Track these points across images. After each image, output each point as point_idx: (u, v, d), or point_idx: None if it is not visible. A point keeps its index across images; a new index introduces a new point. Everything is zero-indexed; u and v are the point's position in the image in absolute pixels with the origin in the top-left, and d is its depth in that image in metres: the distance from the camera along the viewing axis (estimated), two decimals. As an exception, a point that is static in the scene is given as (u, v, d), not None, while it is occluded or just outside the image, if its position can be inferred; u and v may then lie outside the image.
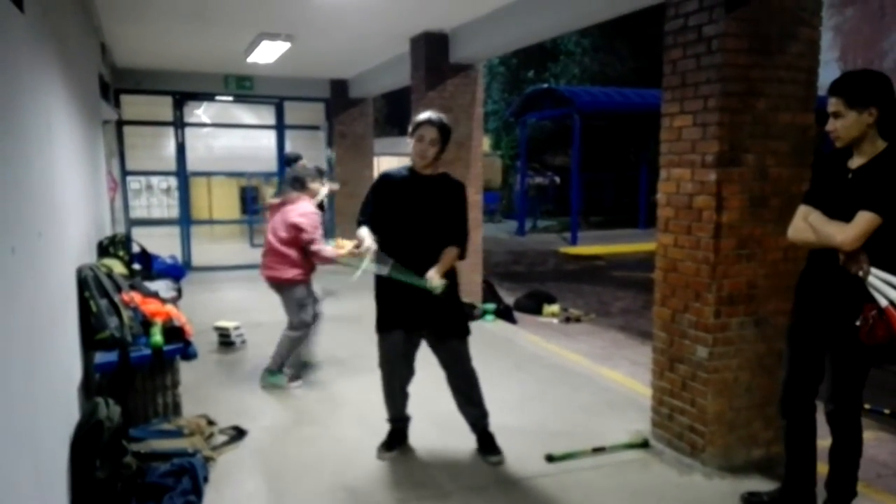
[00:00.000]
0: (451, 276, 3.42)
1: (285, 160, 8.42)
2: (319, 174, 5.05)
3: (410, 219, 3.40)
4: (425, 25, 6.59)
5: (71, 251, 3.46)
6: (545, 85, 15.90)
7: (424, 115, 3.40)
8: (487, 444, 3.60)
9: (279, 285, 4.69)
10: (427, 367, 3.65)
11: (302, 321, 4.71)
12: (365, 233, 3.39)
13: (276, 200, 4.99)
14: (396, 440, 3.70)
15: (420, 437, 3.81)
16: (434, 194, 3.42)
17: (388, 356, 3.55)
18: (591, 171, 16.53)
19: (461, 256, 3.46)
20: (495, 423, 3.71)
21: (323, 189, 6.45)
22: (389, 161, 22.36)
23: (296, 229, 4.57)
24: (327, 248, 4.66)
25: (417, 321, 3.44)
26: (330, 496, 3.19)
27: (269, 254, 4.72)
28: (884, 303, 2.47)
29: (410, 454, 3.63)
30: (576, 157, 13.86)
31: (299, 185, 4.86)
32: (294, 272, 4.62)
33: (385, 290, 3.46)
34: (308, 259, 4.67)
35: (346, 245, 4.03)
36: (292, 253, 4.61)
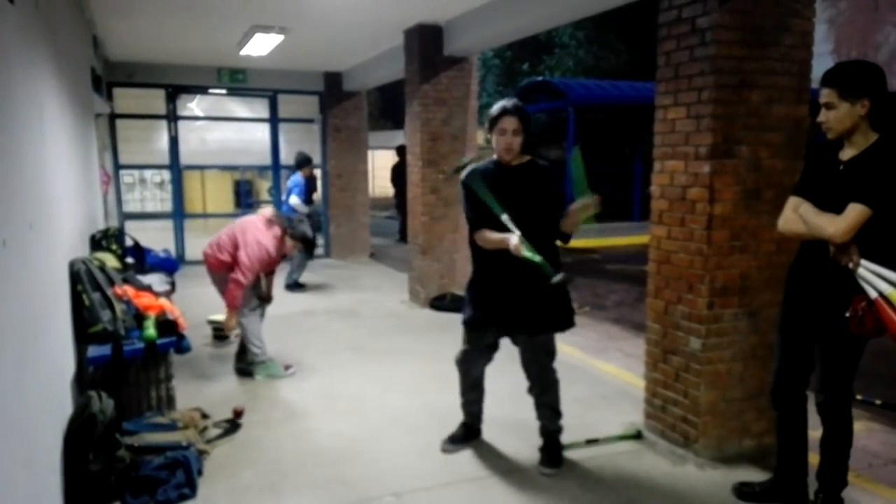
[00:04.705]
0: (555, 263, 3.11)
1: (296, 162, 8.04)
2: (305, 244, 4.84)
3: (510, 212, 3.10)
4: (419, 17, 6.56)
5: (63, 244, 3.45)
6: (540, 78, 15.85)
7: (499, 107, 3.15)
8: (550, 453, 3.41)
9: (220, 270, 4.63)
10: (434, 362, 3.64)
11: (255, 294, 4.81)
12: (496, 235, 3.09)
13: (266, 212, 4.84)
14: (467, 434, 3.63)
15: (417, 428, 3.82)
16: (528, 183, 3.22)
17: (470, 354, 3.44)
18: (585, 164, 16.53)
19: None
20: (489, 416, 3.72)
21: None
22: (384, 155, 22.28)
23: (237, 248, 4.51)
24: (239, 293, 4.51)
25: (513, 323, 3.26)
26: (325, 489, 3.19)
27: (218, 241, 4.67)
28: (873, 295, 2.48)
29: (407, 447, 3.63)
30: (570, 151, 13.86)
31: (287, 224, 4.69)
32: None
33: (484, 287, 3.30)
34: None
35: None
36: (228, 256, 4.60)
